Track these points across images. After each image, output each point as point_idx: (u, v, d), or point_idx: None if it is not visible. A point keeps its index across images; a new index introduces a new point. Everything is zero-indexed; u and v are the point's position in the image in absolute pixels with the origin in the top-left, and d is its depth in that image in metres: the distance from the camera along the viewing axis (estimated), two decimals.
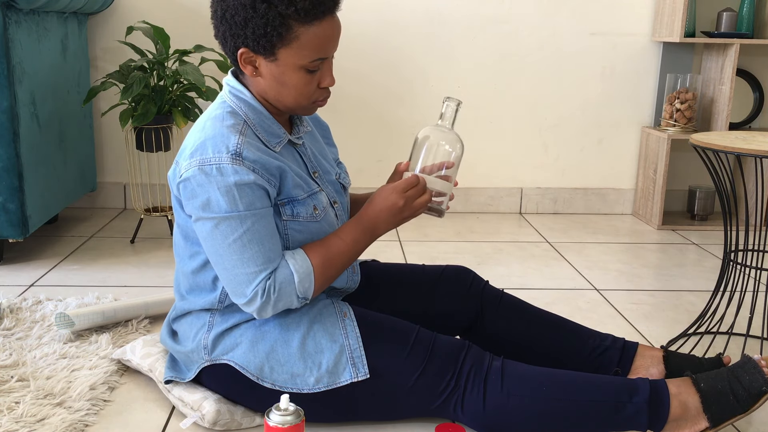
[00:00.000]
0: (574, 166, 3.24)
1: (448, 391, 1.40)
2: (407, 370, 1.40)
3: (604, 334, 1.61)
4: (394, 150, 3.18)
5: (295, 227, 1.39)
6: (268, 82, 1.35)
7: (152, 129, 2.55)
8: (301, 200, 1.39)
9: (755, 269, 1.84)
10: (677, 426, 1.38)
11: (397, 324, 1.46)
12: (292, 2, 1.26)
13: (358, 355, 1.39)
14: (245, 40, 1.30)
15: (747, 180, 3.13)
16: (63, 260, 2.47)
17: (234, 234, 1.31)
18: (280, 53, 1.31)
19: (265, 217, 1.33)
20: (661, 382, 1.40)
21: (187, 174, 1.32)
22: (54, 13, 2.55)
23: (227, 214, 1.30)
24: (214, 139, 1.32)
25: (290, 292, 1.34)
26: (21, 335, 1.82)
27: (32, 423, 1.43)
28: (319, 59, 1.33)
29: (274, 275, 1.33)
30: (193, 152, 1.32)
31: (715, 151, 1.69)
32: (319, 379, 1.38)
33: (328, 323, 1.42)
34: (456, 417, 1.43)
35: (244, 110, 1.38)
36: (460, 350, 1.42)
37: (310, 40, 1.30)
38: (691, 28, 2.98)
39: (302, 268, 1.35)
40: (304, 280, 1.35)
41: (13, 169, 2.26)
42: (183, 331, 1.48)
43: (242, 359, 1.40)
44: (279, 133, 1.40)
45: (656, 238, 2.92)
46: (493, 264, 2.55)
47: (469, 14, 3.07)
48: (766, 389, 1.37)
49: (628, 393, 1.37)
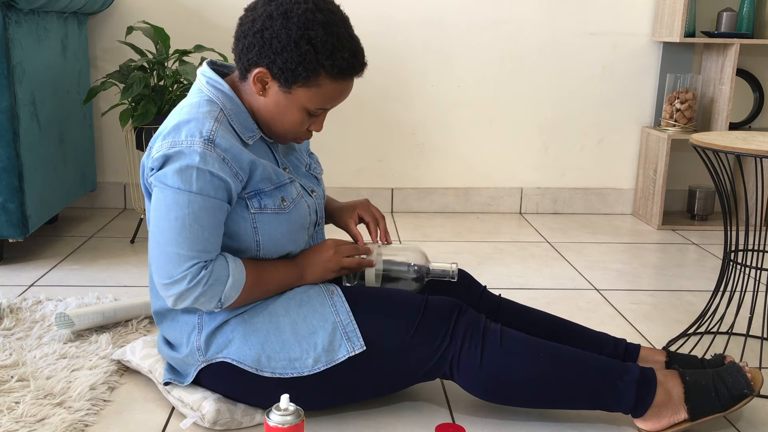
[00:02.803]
0: (574, 166, 3.24)
1: (443, 347, 1.40)
2: (400, 332, 1.40)
3: (605, 337, 1.61)
4: (394, 150, 3.18)
5: (265, 219, 1.40)
6: (268, 105, 1.38)
7: (152, 129, 2.55)
8: (268, 192, 1.40)
9: (755, 269, 1.84)
10: (659, 413, 1.42)
11: (383, 291, 1.47)
12: (333, 58, 1.30)
13: (351, 329, 1.40)
14: (271, 64, 1.32)
15: (747, 180, 3.13)
16: (63, 260, 2.47)
17: (178, 211, 1.31)
18: (296, 90, 1.34)
19: (213, 207, 1.33)
20: (650, 369, 1.44)
21: (157, 154, 1.33)
22: (54, 13, 2.55)
23: (178, 190, 1.31)
24: (188, 123, 1.33)
25: (218, 291, 1.34)
26: (21, 335, 1.82)
27: (32, 423, 1.43)
28: (324, 109, 1.38)
29: (211, 267, 1.33)
30: (165, 135, 1.34)
31: (715, 151, 1.69)
32: (317, 359, 1.39)
33: (317, 303, 1.42)
34: (451, 376, 1.43)
35: (222, 100, 1.39)
36: (452, 309, 1.43)
37: (327, 91, 1.34)
38: (691, 28, 2.98)
39: (238, 275, 1.36)
40: (235, 286, 1.36)
41: (13, 169, 2.26)
42: (175, 338, 1.48)
43: (238, 354, 1.41)
44: (253, 128, 1.42)
45: (656, 238, 2.92)
46: (493, 264, 2.55)
47: (469, 14, 3.07)
48: (747, 392, 1.43)
49: (619, 372, 1.42)
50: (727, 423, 1.52)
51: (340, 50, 1.31)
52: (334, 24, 1.31)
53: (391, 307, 1.43)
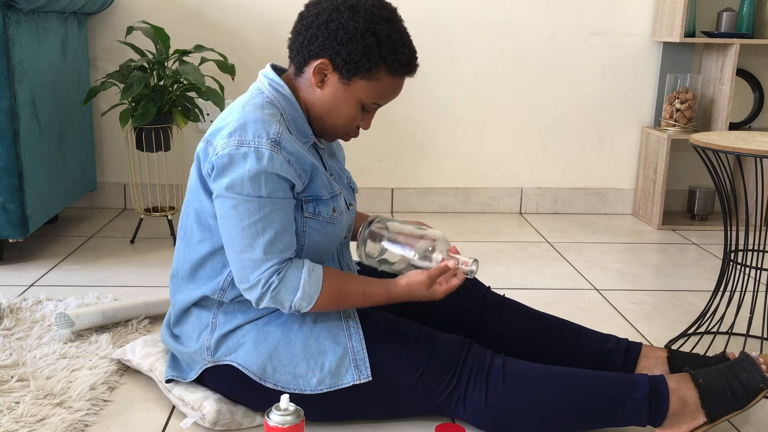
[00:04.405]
0: (574, 166, 3.24)
1: (450, 389, 1.40)
2: (409, 370, 1.40)
3: (607, 335, 1.61)
4: (394, 150, 3.18)
5: (314, 226, 1.40)
6: (325, 97, 1.38)
7: (152, 129, 2.55)
8: (324, 200, 1.41)
9: (755, 269, 1.84)
10: (676, 421, 1.39)
11: (398, 322, 1.46)
12: (395, 53, 1.34)
13: (360, 358, 1.39)
14: (334, 55, 1.34)
15: (747, 180, 3.13)
16: (63, 260, 2.47)
17: (250, 218, 1.31)
18: (355, 81, 1.35)
19: (284, 208, 1.34)
20: (660, 378, 1.41)
21: (223, 152, 1.32)
22: (54, 13, 2.55)
23: (248, 197, 1.31)
24: (255, 123, 1.33)
25: (287, 298, 1.35)
26: (21, 335, 1.82)
27: (32, 423, 1.43)
28: (377, 104, 1.39)
29: (285, 272, 1.34)
30: (231, 132, 1.33)
31: (715, 151, 1.69)
32: (322, 381, 1.38)
33: (332, 324, 1.42)
34: (458, 415, 1.43)
35: (282, 104, 1.39)
36: (461, 348, 1.43)
37: (384, 86, 1.37)
38: (691, 28, 2.98)
39: (311, 286, 1.35)
40: (305, 297, 1.35)
41: (13, 169, 2.26)
42: (185, 331, 1.48)
43: (245, 359, 1.40)
44: (308, 133, 1.42)
45: (656, 238, 2.92)
46: (493, 264, 2.55)
47: (469, 14, 3.07)
48: (763, 386, 1.39)
49: (628, 389, 1.39)
50: (726, 423, 1.52)
51: (401, 46, 1.34)
52: (397, 22, 1.36)
53: (403, 341, 1.42)
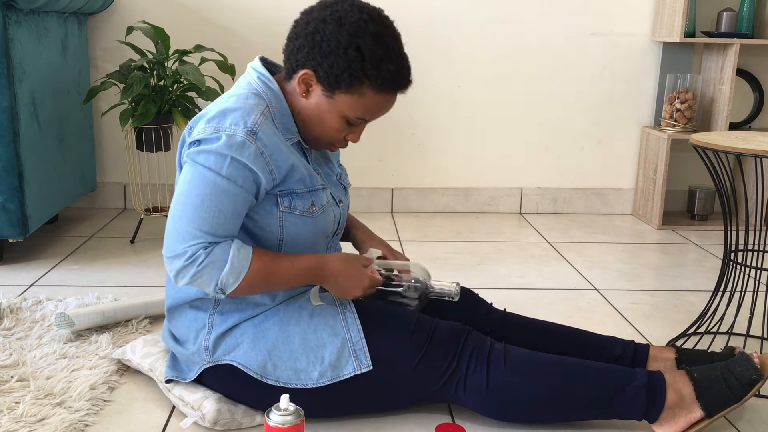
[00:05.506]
0: (574, 166, 3.24)
1: (450, 372, 1.41)
2: (409, 355, 1.41)
3: (612, 340, 1.60)
4: (394, 150, 3.18)
5: (291, 220, 1.40)
6: (310, 107, 1.38)
7: (152, 129, 2.55)
8: (300, 194, 1.40)
9: (755, 269, 1.84)
10: (673, 415, 1.41)
11: (396, 311, 1.47)
12: (378, 68, 1.31)
13: (360, 347, 1.40)
14: (317, 67, 1.33)
15: (747, 180, 3.13)
16: (63, 260, 2.47)
17: (200, 188, 1.31)
18: (338, 95, 1.35)
19: (237, 195, 1.32)
20: (658, 372, 1.44)
21: (199, 136, 1.33)
22: (54, 13, 2.55)
23: (207, 168, 1.31)
24: (235, 112, 1.33)
25: (213, 276, 1.31)
26: (21, 335, 1.82)
27: (32, 423, 1.43)
28: (362, 119, 1.38)
29: (212, 249, 1.31)
30: (210, 118, 1.34)
31: (715, 151, 1.70)
32: (323, 373, 1.39)
33: (329, 317, 1.42)
34: (457, 399, 1.44)
35: (269, 97, 1.39)
36: (460, 333, 1.44)
37: (368, 102, 1.35)
38: (691, 28, 2.98)
39: (239, 262, 1.32)
40: (232, 273, 1.32)
41: (13, 169, 2.26)
42: (182, 333, 1.48)
43: (244, 358, 1.41)
44: (293, 130, 1.42)
45: (656, 238, 2.92)
46: (493, 264, 2.55)
47: (469, 14, 3.07)
48: (756, 378, 1.41)
49: (627, 377, 1.41)
50: (727, 423, 1.52)
51: (386, 62, 1.31)
52: (384, 36, 1.32)
53: (401, 329, 1.43)
